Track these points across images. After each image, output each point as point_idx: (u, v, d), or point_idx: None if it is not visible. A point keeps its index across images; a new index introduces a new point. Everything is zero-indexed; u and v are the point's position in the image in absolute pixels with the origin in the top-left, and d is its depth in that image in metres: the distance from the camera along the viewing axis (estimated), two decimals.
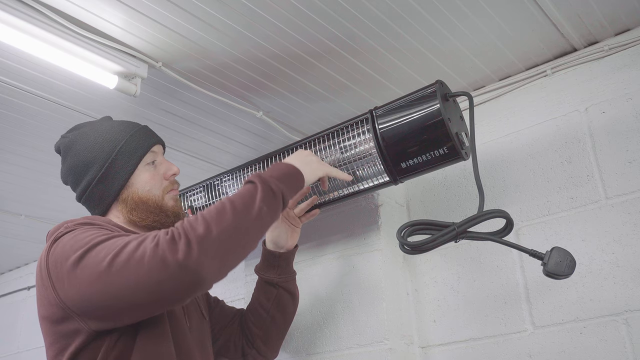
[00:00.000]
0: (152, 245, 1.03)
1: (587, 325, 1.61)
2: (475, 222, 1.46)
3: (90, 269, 1.06)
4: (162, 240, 1.04)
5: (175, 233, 1.05)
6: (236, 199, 1.14)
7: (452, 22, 1.68)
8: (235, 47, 1.71)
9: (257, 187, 1.18)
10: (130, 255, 1.04)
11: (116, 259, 1.04)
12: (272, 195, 1.19)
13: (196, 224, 1.07)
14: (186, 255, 1.01)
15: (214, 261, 1.04)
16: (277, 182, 1.22)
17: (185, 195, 1.94)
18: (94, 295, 1.06)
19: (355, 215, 1.95)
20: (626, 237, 1.62)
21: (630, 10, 1.71)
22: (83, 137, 1.37)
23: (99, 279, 1.05)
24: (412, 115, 1.52)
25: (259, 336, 1.55)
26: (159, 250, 1.02)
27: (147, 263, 1.02)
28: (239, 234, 1.09)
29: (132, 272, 1.02)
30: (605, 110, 1.76)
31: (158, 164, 1.40)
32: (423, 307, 1.91)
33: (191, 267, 1.01)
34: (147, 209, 1.32)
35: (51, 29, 1.51)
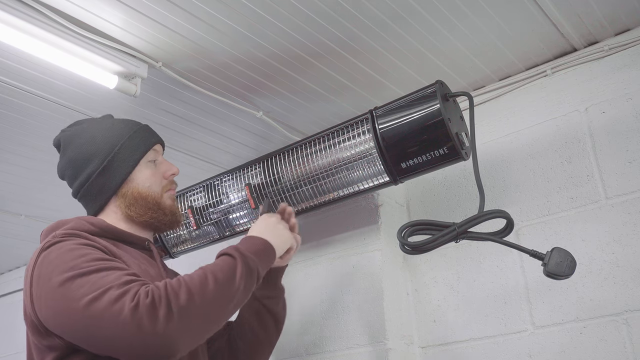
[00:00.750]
0: (132, 305, 1.00)
1: (587, 325, 1.61)
2: (475, 222, 1.45)
3: (67, 301, 1.05)
4: (142, 303, 1.01)
5: (156, 298, 1.02)
6: (218, 273, 1.13)
7: (452, 22, 1.68)
8: (235, 47, 1.71)
9: (237, 262, 1.17)
10: (108, 306, 1.01)
11: (93, 303, 1.02)
12: (250, 272, 1.18)
13: (180, 292, 1.05)
14: (164, 326, 1.00)
15: (189, 334, 1.03)
16: (254, 259, 1.21)
17: (185, 195, 1.94)
18: (66, 325, 1.06)
19: (355, 215, 1.95)
20: (626, 237, 1.62)
21: (630, 10, 1.71)
22: (85, 131, 1.36)
23: (73, 316, 1.04)
24: (412, 115, 1.52)
25: (242, 349, 1.49)
26: (136, 313, 0.99)
27: (122, 322, 0.99)
28: (217, 309, 1.09)
29: (106, 324, 1.01)
30: (605, 110, 1.76)
31: (159, 163, 1.40)
32: (423, 307, 1.91)
33: (166, 338, 1.00)
34: (145, 205, 1.32)
35: (51, 29, 1.51)
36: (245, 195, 1.79)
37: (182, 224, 1.79)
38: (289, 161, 1.72)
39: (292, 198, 1.73)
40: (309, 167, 1.68)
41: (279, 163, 1.74)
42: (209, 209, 1.85)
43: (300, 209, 1.76)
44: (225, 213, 1.85)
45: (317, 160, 1.67)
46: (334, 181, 1.66)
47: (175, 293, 1.04)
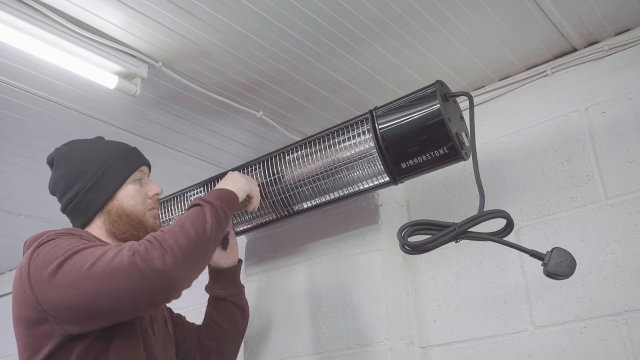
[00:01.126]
0: (129, 254, 1.14)
1: (587, 325, 1.61)
2: (475, 222, 1.45)
3: (69, 275, 1.15)
4: (137, 249, 1.15)
5: (148, 244, 1.17)
6: (192, 217, 1.29)
7: (452, 22, 1.68)
8: (235, 47, 1.71)
9: (204, 207, 1.34)
10: (109, 262, 1.13)
11: (95, 266, 1.13)
12: (215, 210, 1.35)
13: (165, 236, 1.19)
14: (161, 262, 1.14)
15: (184, 269, 1.17)
16: (219, 202, 1.38)
17: (185, 195, 1.94)
18: (73, 298, 1.14)
19: (355, 215, 1.95)
20: (626, 237, 1.62)
21: (630, 10, 1.71)
22: (78, 149, 1.46)
23: (78, 284, 1.13)
24: (412, 115, 1.52)
25: (214, 349, 1.64)
26: (136, 258, 1.13)
27: (125, 270, 1.12)
28: (200, 245, 1.24)
29: (111, 277, 1.12)
30: (605, 110, 1.76)
31: (144, 183, 1.49)
32: (423, 307, 1.91)
33: (166, 274, 1.14)
34: (129, 222, 1.41)
35: (51, 29, 1.51)
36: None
37: None
38: (289, 161, 1.72)
39: (292, 198, 1.73)
40: (309, 167, 1.68)
41: (279, 163, 1.74)
42: None
43: (300, 209, 1.76)
44: None
45: (317, 160, 1.67)
46: (334, 181, 1.66)
47: (162, 238, 1.19)
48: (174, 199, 1.95)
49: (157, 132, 2.14)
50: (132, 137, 2.14)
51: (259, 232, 2.15)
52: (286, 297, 2.01)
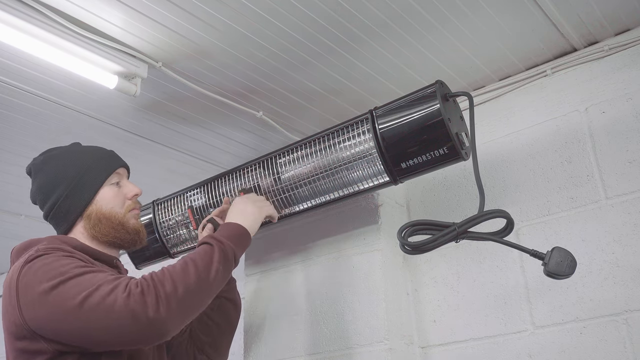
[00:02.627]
0: (124, 296, 1.13)
1: (587, 325, 1.61)
2: (475, 222, 1.45)
3: (61, 302, 1.14)
4: (132, 291, 1.14)
5: (145, 287, 1.15)
6: (197, 260, 1.27)
7: (452, 22, 1.68)
8: (235, 47, 1.71)
9: (213, 248, 1.32)
10: (102, 299, 1.13)
11: (88, 299, 1.13)
12: (225, 256, 1.33)
13: (165, 281, 1.18)
14: (154, 311, 1.13)
15: (177, 317, 1.17)
16: (229, 243, 1.36)
17: (185, 195, 1.94)
18: (62, 326, 1.15)
19: (355, 215, 1.95)
20: (626, 237, 1.62)
21: (630, 10, 1.71)
22: (53, 158, 1.45)
23: (69, 314, 1.13)
24: (412, 115, 1.52)
25: (207, 343, 1.65)
26: (129, 302, 1.12)
27: (117, 311, 1.11)
28: (200, 293, 1.23)
29: (102, 316, 1.12)
30: (605, 110, 1.76)
31: (122, 185, 1.48)
32: (423, 307, 1.91)
33: (157, 322, 1.13)
34: (109, 225, 1.40)
35: (51, 29, 1.51)
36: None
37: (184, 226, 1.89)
38: (289, 161, 1.72)
39: (292, 198, 1.73)
40: (309, 167, 1.68)
41: (279, 163, 1.74)
42: (209, 209, 1.85)
43: (300, 209, 1.76)
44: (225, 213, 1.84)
45: (317, 160, 1.67)
46: (334, 181, 1.66)
47: (160, 282, 1.17)
48: (174, 199, 1.95)
49: (157, 132, 2.14)
50: (132, 137, 2.14)
51: (259, 232, 2.13)
52: (286, 297, 2.01)
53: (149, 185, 2.50)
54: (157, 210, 1.98)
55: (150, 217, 1.98)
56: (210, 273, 1.26)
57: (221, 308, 1.68)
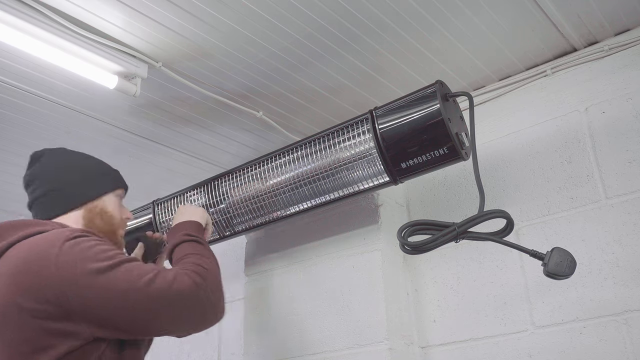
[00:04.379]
0: (190, 282, 1.19)
1: (587, 325, 1.61)
2: (475, 222, 1.45)
3: (122, 282, 1.14)
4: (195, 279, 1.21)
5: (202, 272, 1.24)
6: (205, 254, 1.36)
7: (452, 22, 1.68)
8: (236, 48, 1.71)
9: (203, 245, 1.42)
10: (169, 284, 1.17)
11: (153, 283, 1.15)
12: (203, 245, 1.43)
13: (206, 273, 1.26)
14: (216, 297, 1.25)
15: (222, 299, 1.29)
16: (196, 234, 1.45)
17: (185, 195, 1.94)
18: (117, 307, 1.13)
19: (355, 215, 1.95)
20: (626, 237, 1.62)
21: (630, 10, 1.70)
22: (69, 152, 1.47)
23: (129, 295, 1.13)
24: (412, 115, 1.52)
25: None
26: (199, 290, 1.20)
27: (187, 297, 1.18)
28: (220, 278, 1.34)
29: (170, 300, 1.16)
30: (605, 110, 1.76)
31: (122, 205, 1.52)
32: (423, 307, 1.91)
33: (219, 307, 1.25)
34: (107, 223, 1.41)
35: (51, 29, 1.51)
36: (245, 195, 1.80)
37: None
38: (289, 161, 1.72)
39: (292, 198, 1.73)
40: (309, 167, 1.68)
41: (279, 163, 1.74)
42: (209, 209, 1.85)
43: (300, 209, 1.76)
44: (225, 213, 1.84)
45: (317, 160, 1.67)
46: (334, 181, 1.66)
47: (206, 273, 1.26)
48: (174, 199, 1.95)
49: (157, 132, 2.14)
50: (132, 137, 2.14)
51: (259, 232, 2.15)
52: (286, 297, 2.01)
53: (149, 185, 2.51)
54: (157, 210, 1.98)
55: (150, 217, 1.98)
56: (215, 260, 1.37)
57: None
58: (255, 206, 1.80)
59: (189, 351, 2.45)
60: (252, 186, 1.79)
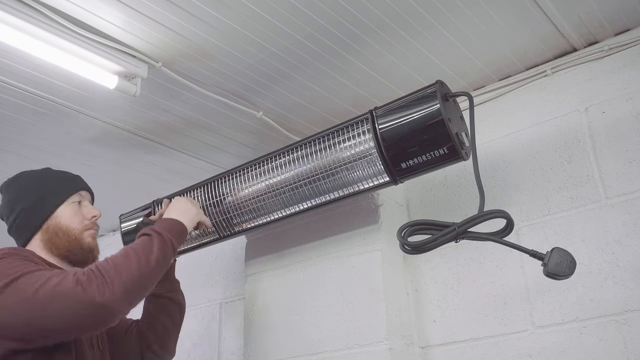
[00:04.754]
0: (73, 282, 1.22)
1: (587, 325, 1.61)
2: (475, 222, 1.45)
3: (15, 296, 1.22)
4: (81, 278, 1.24)
5: (91, 275, 1.25)
6: (137, 248, 1.37)
7: (453, 22, 1.68)
8: (235, 47, 1.71)
9: (152, 238, 1.42)
10: (53, 288, 1.22)
11: (40, 290, 1.21)
12: (164, 243, 1.43)
13: (108, 268, 1.28)
14: (101, 295, 1.23)
15: (122, 300, 1.26)
16: (167, 234, 1.46)
17: (184, 196, 1.94)
18: (17, 319, 1.22)
19: (355, 215, 1.95)
20: (626, 237, 1.62)
21: (630, 10, 1.70)
22: (22, 178, 1.56)
23: (22, 306, 1.21)
24: (412, 115, 1.52)
25: (154, 340, 1.73)
26: (78, 289, 1.22)
27: (67, 297, 1.21)
28: (141, 278, 1.32)
29: (54, 303, 1.21)
30: (605, 110, 1.76)
31: (83, 205, 1.57)
32: (423, 307, 1.91)
33: (104, 306, 1.23)
34: (65, 239, 1.49)
35: (51, 29, 1.51)
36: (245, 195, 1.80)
37: None
38: (289, 161, 1.72)
39: (292, 198, 1.73)
40: (308, 167, 1.68)
41: (279, 163, 1.74)
42: (208, 208, 1.85)
43: (300, 209, 1.76)
44: (225, 213, 1.84)
45: (317, 160, 1.67)
46: (333, 181, 1.66)
47: (105, 269, 1.28)
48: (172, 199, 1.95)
49: (157, 132, 2.14)
50: (132, 137, 2.14)
51: (259, 232, 2.15)
52: (286, 297, 2.01)
53: (149, 185, 2.51)
54: (157, 210, 1.98)
55: None
56: (150, 259, 1.36)
57: (166, 309, 1.77)
58: (255, 206, 1.80)
59: (189, 351, 2.45)
60: (252, 186, 1.79)
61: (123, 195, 2.57)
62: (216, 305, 2.47)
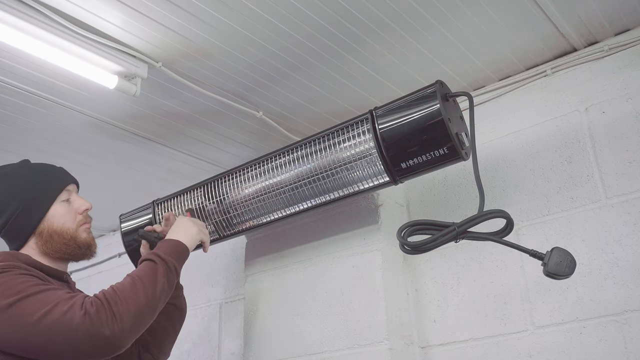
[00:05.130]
0: (81, 314, 1.22)
1: (587, 325, 1.61)
2: (475, 222, 1.45)
3: (20, 318, 1.21)
4: (89, 310, 1.23)
5: (99, 306, 1.25)
6: (143, 277, 1.38)
7: (453, 22, 1.68)
8: (235, 47, 1.71)
9: (157, 265, 1.42)
10: (60, 316, 1.21)
11: (47, 317, 1.21)
12: (169, 270, 1.44)
13: (117, 300, 1.28)
14: (110, 329, 1.23)
15: (130, 333, 1.28)
16: (170, 259, 1.46)
17: (185, 195, 1.94)
18: (16, 342, 1.22)
19: (355, 215, 1.95)
20: (626, 237, 1.62)
21: (630, 10, 1.70)
22: (3, 178, 1.49)
23: (24, 331, 1.21)
24: (412, 115, 1.52)
25: (152, 343, 1.72)
26: (86, 320, 1.22)
27: (75, 329, 1.21)
28: (148, 308, 1.34)
29: (61, 332, 1.21)
30: (605, 110, 1.76)
31: (72, 200, 1.54)
32: (423, 307, 1.91)
33: (113, 339, 1.24)
34: (61, 241, 1.47)
35: (51, 29, 1.51)
36: (245, 195, 1.80)
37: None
38: (289, 161, 1.72)
39: (292, 198, 1.73)
40: (308, 167, 1.68)
41: (279, 163, 1.74)
42: (208, 208, 1.85)
43: (300, 209, 1.76)
44: (225, 213, 1.84)
45: (317, 160, 1.67)
46: (334, 181, 1.66)
47: (114, 301, 1.28)
48: (174, 199, 1.95)
49: (157, 132, 2.14)
50: (132, 137, 2.15)
51: (259, 232, 2.15)
52: (286, 297, 2.01)
53: (149, 185, 2.51)
54: (157, 210, 1.98)
55: (150, 217, 1.98)
56: (156, 289, 1.37)
57: (169, 314, 1.76)
58: (255, 206, 1.80)
59: (189, 351, 2.45)
60: (252, 186, 1.79)
61: (123, 195, 2.57)
62: (216, 305, 2.47)
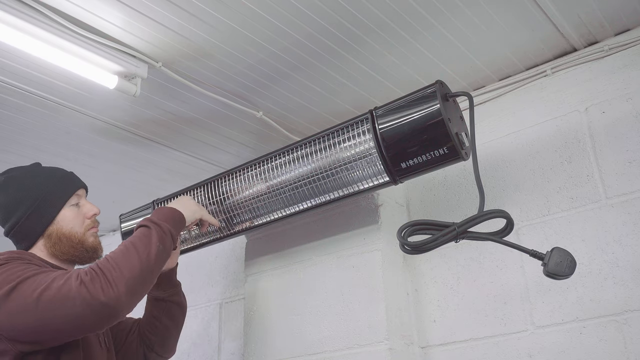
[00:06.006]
0: (77, 283, 1.24)
1: (587, 325, 1.61)
2: (475, 222, 1.45)
3: (19, 301, 1.24)
4: (84, 279, 1.25)
5: (93, 274, 1.27)
6: (137, 242, 1.39)
7: (453, 23, 1.68)
8: (235, 47, 1.71)
9: (151, 230, 1.43)
10: (57, 290, 1.23)
11: (44, 293, 1.23)
12: (164, 235, 1.45)
13: (110, 267, 1.29)
14: (105, 294, 1.24)
15: (126, 297, 1.28)
16: (166, 224, 1.48)
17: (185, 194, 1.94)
18: (23, 323, 1.24)
19: (355, 215, 1.95)
20: (626, 237, 1.62)
21: (630, 10, 1.70)
22: (14, 179, 1.53)
23: (27, 310, 1.23)
24: (412, 115, 1.52)
25: (156, 342, 1.75)
26: (82, 289, 1.23)
27: (72, 299, 1.22)
28: (143, 273, 1.34)
29: (59, 305, 1.22)
30: (605, 110, 1.76)
31: (81, 205, 1.57)
32: (423, 307, 1.91)
33: (109, 305, 1.24)
34: (69, 244, 1.50)
35: (51, 29, 1.51)
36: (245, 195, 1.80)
37: None
38: (289, 161, 1.72)
39: (292, 198, 1.73)
40: (308, 167, 1.68)
41: (279, 163, 1.74)
42: (208, 209, 1.85)
43: (300, 209, 1.76)
44: (226, 213, 1.84)
45: (317, 160, 1.67)
46: (334, 181, 1.66)
47: (106, 268, 1.29)
48: (174, 199, 1.95)
49: (157, 132, 2.14)
50: (132, 137, 2.15)
51: (259, 232, 2.15)
52: (286, 297, 2.01)
53: (149, 185, 2.51)
54: None
55: None
56: (150, 253, 1.37)
57: (169, 312, 1.78)
58: (255, 206, 1.80)
59: (189, 351, 2.45)
60: (252, 186, 1.79)
61: (123, 195, 2.57)
62: (216, 305, 2.47)
